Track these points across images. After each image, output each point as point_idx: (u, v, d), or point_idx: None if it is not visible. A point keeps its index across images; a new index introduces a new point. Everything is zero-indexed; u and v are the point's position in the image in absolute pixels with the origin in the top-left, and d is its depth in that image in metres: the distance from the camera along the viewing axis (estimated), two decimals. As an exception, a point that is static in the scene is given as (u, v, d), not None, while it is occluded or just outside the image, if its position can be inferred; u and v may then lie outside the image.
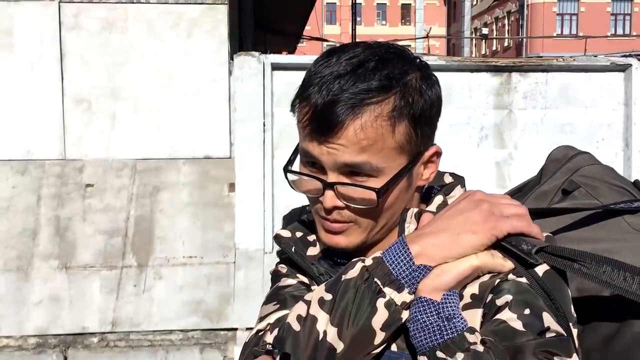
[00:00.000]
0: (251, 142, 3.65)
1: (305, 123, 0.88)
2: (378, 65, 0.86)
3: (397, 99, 0.86)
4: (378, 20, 51.83)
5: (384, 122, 0.85)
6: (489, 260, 0.84)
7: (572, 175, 1.09)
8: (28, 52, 3.64)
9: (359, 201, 0.88)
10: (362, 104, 0.84)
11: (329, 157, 0.87)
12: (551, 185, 1.11)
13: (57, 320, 3.41)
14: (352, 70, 0.86)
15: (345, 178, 0.88)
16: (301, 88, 0.90)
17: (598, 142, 3.88)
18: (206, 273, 3.53)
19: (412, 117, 0.87)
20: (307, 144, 0.89)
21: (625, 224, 0.98)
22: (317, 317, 0.83)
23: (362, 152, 0.86)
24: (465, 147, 3.82)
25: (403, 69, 0.88)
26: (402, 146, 0.88)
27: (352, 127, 0.84)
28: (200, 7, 3.71)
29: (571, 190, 1.07)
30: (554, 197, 1.10)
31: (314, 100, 0.86)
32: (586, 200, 1.05)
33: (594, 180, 1.07)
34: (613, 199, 1.03)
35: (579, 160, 1.12)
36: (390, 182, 0.88)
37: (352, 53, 0.88)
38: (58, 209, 3.56)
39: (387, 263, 0.83)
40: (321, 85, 0.86)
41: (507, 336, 0.79)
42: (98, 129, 3.67)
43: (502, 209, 0.86)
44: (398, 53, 0.90)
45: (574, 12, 34.69)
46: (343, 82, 0.85)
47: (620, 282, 0.81)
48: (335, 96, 0.84)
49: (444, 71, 3.78)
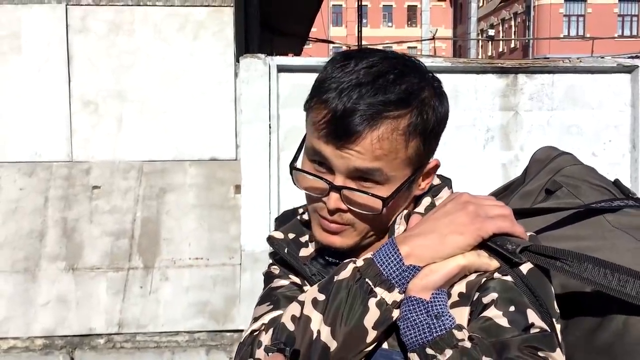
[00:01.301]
0: (257, 144, 3.66)
1: (322, 125, 0.90)
2: (397, 79, 0.89)
3: (413, 116, 0.89)
4: (384, 22, 51.82)
5: (399, 137, 0.88)
6: (476, 259, 0.87)
7: (554, 175, 1.13)
8: (35, 54, 3.66)
9: (364, 207, 0.91)
10: (380, 116, 0.87)
11: (343, 161, 0.89)
12: (535, 185, 1.15)
13: (64, 321, 3.43)
14: (372, 80, 0.88)
15: (353, 183, 0.91)
16: (317, 88, 0.92)
17: (605, 143, 3.87)
18: (212, 275, 3.54)
19: (424, 134, 0.91)
20: (320, 144, 0.91)
21: (606, 222, 1.01)
22: (310, 317, 0.86)
23: (375, 160, 0.88)
24: (471, 149, 3.82)
25: (420, 85, 0.91)
26: (411, 159, 0.91)
27: (369, 137, 0.87)
28: (206, 10, 3.72)
29: (554, 190, 1.10)
30: (537, 197, 1.13)
31: (333, 105, 0.88)
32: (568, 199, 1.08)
33: (576, 180, 1.10)
34: (594, 198, 1.06)
35: (561, 161, 1.15)
36: (395, 192, 0.91)
37: (370, 62, 0.90)
38: (65, 210, 3.58)
39: (377, 264, 0.86)
40: (341, 91, 0.88)
41: (493, 332, 0.83)
42: (105, 131, 3.69)
43: (487, 210, 0.89)
44: (414, 67, 0.94)
45: (580, 13, 34.56)
46: (364, 92, 0.87)
47: (601, 279, 0.84)
48: (355, 105, 0.87)
49: (450, 73, 3.78)
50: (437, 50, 37.61)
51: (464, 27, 40.29)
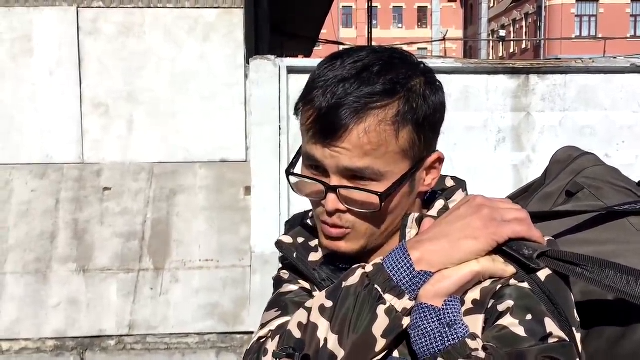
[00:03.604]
0: (267, 145, 3.66)
1: (309, 126, 0.88)
2: (382, 70, 0.86)
3: (401, 104, 0.86)
4: (394, 24, 51.75)
5: (387, 127, 0.85)
6: (490, 265, 0.84)
7: (576, 176, 1.09)
8: (47, 57, 3.68)
9: (361, 205, 0.88)
10: (366, 108, 0.84)
11: (332, 160, 0.87)
12: (555, 186, 1.11)
13: (74, 323, 3.44)
14: (356, 74, 0.86)
15: (348, 182, 0.88)
16: (305, 91, 0.90)
17: (618, 144, 3.83)
18: (222, 276, 3.54)
19: (416, 123, 0.87)
20: (311, 147, 0.89)
21: (630, 226, 0.97)
22: (317, 325, 0.83)
23: (365, 156, 0.85)
24: (482, 150, 3.79)
25: (407, 74, 0.88)
26: (405, 151, 0.88)
27: (355, 131, 0.84)
28: (216, 12, 3.72)
29: (575, 192, 1.07)
30: (558, 199, 1.09)
31: (318, 104, 0.86)
32: (590, 201, 1.04)
33: (598, 181, 1.06)
34: (617, 200, 1.02)
35: (582, 162, 1.11)
36: (392, 187, 0.87)
37: (356, 57, 0.88)
38: (76, 212, 3.59)
39: (387, 269, 0.83)
40: (325, 89, 0.86)
41: (509, 342, 0.79)
42: (115, 133, 3.70)
43: (503, 214, 0.86)
44: (402, 58, 0.90)
45: (592, 13, 34.32)
46: (347, 86, 0.85)
47: (624, 286, 0.80)
48: (340, 100, 0.85)
49: (461, 74, 3.76)
50: (448, 51, 37.49)
51: (474, 28, 40.14)
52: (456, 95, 3.75)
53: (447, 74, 3.73)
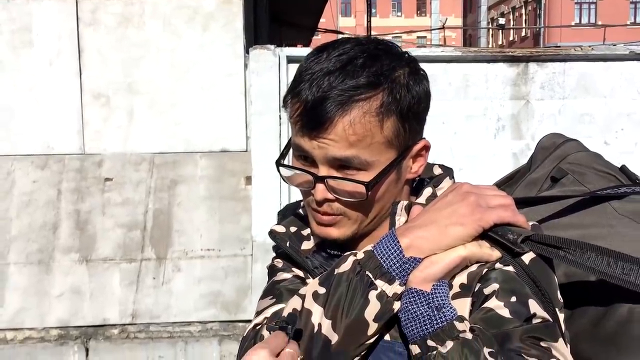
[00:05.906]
0: (267, 135, 3.67)
1: (296, 119, 0.90)
2: (366, 62, 0.88)
3: (384, 96, 0.88)
4: (393, 12, 51.54)
5: (372, 118, 0.87)
6: (477, 250, 0.87)
7: (560, 162, 1.12)
8: (47, 48, 3.68)
9: (349, 194, 0.91)
10: (351, 101, 0.87)
11: (320, 151, 0.89)
12: (540, 172, 1.14)
13: (78, 312, 3.47)
14: (341, 67, 0.88)
15: (336, 172, 0.90)
16: (292, 84, 0.92)
17: (617, 132, 3.84)
18: (224, 265, 3.57)
19: (400, 113, 0.89)
20: (299, 139, 0.91)
21: (612, 210, 1.00)
22: (311, 310, 0.86)
23: (351, 147, 0.88)
24: (482, 139, 3.80)
25: (391, 66, 0.90)
26: (391, 141, 0.90)
27: (341, 124, 0.87)
28: (215, 1, 3.72)
29: (560, 178, 1.10)
30: (543, 185, 1.12)
31: (304, 97, 0.88)
32: (574, 187, 1.07)
33: (582, 167, 1.09)
34: (600, 185, 1.05)
35: (566, 148, 1.14)
36: (379, 176, 0.90)
37: (341, 50, 0.90)
38: (78, 202, 3.61)
39: (378, 256, 0.86)
40: (311, 82, 0.88)
41: (495, 323, 0.82)
42: (116, 124, 3.71)
43: (488, 200, 0.89)
44: (386, 49, 0.92)
45: (592, 0, 34.19)
46: (332, 79, 0.87)
47: (605, 268, 0.83)
48: (325, 93, 0.87)
49: (460, 62, 3.76)
50: (447, 40, 37.34)
51: (474, 16, 39.99)
52: (456, 84, 3.75)
53: (446, 63, 3.74)
